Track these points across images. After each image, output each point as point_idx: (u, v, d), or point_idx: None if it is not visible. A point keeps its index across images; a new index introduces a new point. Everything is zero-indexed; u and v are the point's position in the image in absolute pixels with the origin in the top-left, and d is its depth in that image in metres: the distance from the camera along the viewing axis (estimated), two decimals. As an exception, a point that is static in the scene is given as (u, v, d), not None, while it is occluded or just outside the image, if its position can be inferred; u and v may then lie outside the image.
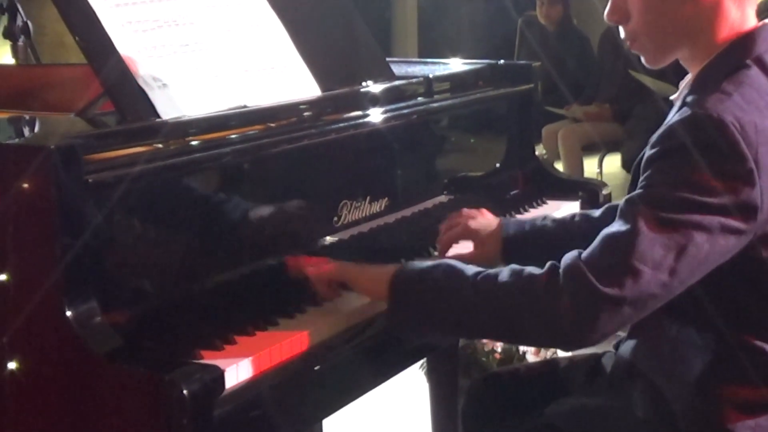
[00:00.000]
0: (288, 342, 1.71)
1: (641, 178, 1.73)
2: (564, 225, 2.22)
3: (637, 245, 1.65)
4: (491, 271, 1.78)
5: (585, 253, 1.70)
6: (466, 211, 2.26)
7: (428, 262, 1.85)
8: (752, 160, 1.64)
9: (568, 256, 1.71)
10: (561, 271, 1.70)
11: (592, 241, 1.71)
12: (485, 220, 2.25)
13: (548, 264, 1.73)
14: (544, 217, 2.25)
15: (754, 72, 1.74)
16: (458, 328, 1.90)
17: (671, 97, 1.90)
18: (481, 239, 2.21)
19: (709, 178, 1.64)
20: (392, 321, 1.83)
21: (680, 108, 1.76)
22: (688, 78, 1.86)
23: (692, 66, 1.85)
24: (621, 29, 1.89)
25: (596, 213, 2.25)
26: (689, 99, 1.75)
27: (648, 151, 1.74)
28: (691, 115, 1.68)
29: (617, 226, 1.70)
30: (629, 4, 1.84)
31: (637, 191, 1.72)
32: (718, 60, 1.79)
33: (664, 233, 1.65)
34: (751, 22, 1.82)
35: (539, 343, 3.07)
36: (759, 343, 1.76)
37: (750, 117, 1.66)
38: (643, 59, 1.91)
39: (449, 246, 2.23)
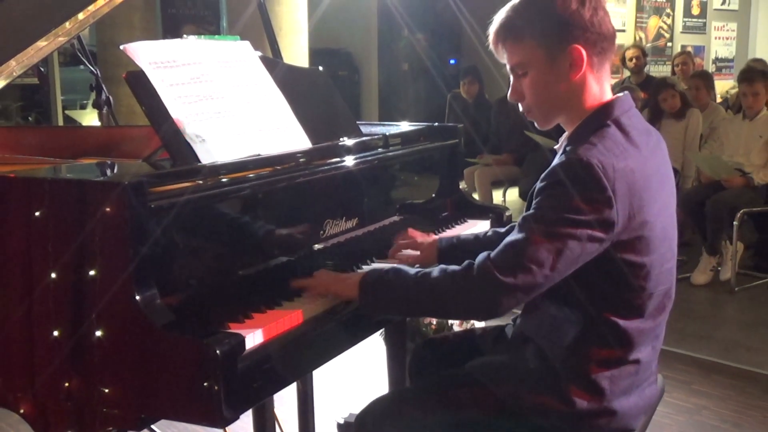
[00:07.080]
0: (289, 317, 1.72)
1: (533, 203, 1.75)
2: (479, 239, 2.23)
3: (528, 250, 1.67)
4: (426, 270, 1.80)
5: (492, 254, 1.72)
6: (411, 230, 2.29)
7: (384, 267, 1.86)
8: (611, 189, 1.66)
9: (480, 257, 1.73)
10: (474, 268, 1.72)
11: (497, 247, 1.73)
12: (426, 236, 2.28)
13: (466, 262, 1.75)
14: (470, 235, 2.27)
15: (613, 129, 1.77)
16: (407, 311, 1.98)
17: (554, 147, 1.91)
18: (423, 249, 2.23)
19: (580, 202, 1.66)
20: (363, 309, 1.85)
21: (561, 155, 1.78)
22: (566, 135, 1.88)
23: (568, 126, 1.87)
24: (520, 105, 1.91)
25: (503, 230, 2.27)
26: (567, 149, 1.77)
27: (538, 184, 1.76)
28: (567, 159, 1.70)
29: (515, 236, 1.71)
30: (523, 88, 1.86)
31: (530, 212, 1.73)
32: (587, 121, 1.81)
33: (547, 241, 1.67)
34: (609, 94, 1.85)
35: (462, 318, 3.11)
36: (612, 317, 1.78)
37: (609, 160, 1.68)
38: (536, 124, 1.93)
39: (398, 251, 2.24)
